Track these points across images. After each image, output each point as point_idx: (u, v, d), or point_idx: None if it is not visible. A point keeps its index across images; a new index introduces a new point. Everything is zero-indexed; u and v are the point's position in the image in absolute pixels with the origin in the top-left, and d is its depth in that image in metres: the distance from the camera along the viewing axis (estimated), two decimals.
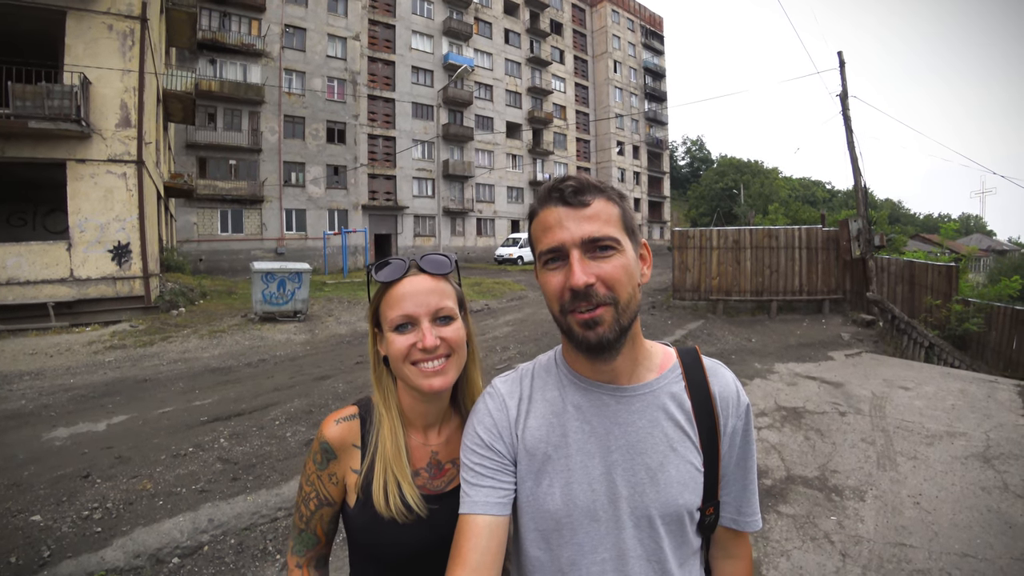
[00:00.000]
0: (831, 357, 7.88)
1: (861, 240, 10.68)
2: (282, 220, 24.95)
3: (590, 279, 0.73)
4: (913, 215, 74.36)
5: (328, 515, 0.96)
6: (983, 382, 6.54)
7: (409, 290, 0.89)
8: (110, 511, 3.24)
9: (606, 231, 0.75)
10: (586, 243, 0.75)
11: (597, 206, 0.76)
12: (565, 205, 0.77)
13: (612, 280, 0.75)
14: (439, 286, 0.91)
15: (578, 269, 0.73)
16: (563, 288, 0.75)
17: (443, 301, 0.90)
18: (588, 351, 0.78)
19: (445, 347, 0.89)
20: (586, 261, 0.75)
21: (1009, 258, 33.36)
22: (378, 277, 0.91)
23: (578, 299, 0.74)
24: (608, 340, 0.75)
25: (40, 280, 9.35)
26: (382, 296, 0.92)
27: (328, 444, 0.94)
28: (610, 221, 0.77)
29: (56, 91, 9.11)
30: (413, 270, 0.92)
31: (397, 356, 0.89)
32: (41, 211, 14.28)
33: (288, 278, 10.23)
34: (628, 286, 0.76)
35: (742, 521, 0.88)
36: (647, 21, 48.19)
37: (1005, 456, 4.15)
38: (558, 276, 0.77)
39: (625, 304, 0.76)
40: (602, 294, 0.74)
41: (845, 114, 11.62)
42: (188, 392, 5.92)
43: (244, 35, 23.83)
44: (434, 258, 0.94)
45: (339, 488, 0.95)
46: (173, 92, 14.29)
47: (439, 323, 0.90)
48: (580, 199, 0.76)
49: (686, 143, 71.40)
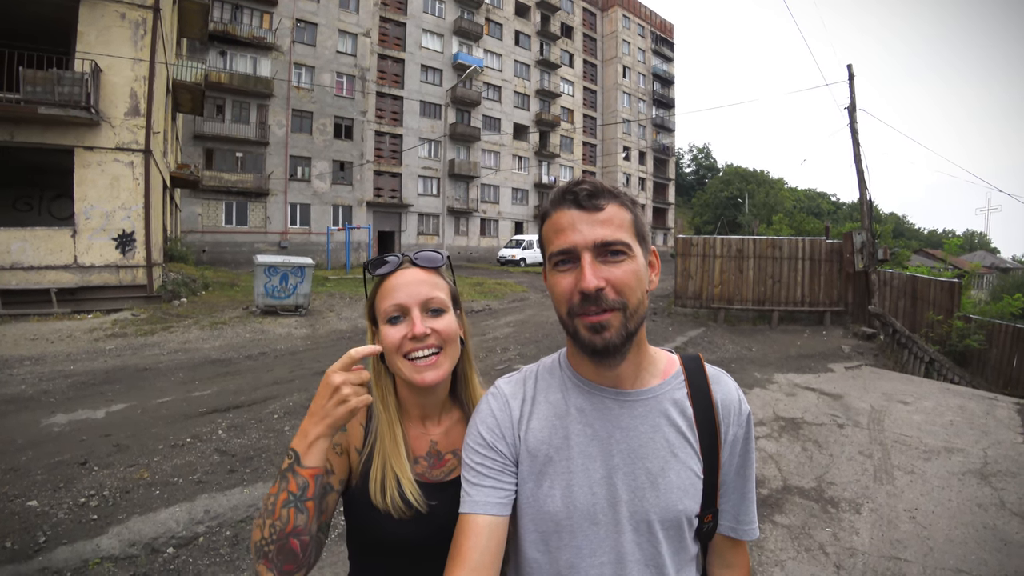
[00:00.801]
0: (831, 369, 7.87)
1: (865, 253, 10.67)
2: (287, 214, 25.00)
3: (600, 283, 0.74)
4: (917, 229, 74.34)
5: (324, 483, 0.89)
6: (982, 399, 6.52)
7: (401, 281, 0.92)
8: (107, 499, 3.25)
9: (618, 236, 0.76)
10: (598, 247, 0.75)
11: (610, 211, 0.77)
12: (579, 208, 0.77)
13: (622, 285, 0.75)
14: (430, 278, 0.94)
15: (589, 272, 0.74)
16: (572, 290, 0.76)
17: (433, 292, 0.92)
18: (594, 355, 0.78)
19: (436, 338, 0.90)
20: (597, 265, 0.75)
21: (1012, 276, 33.19)
22: (373, 272, 0.95)
23: (587, 302, 0.74)
24: (614, 345, 0.76)
25: (44, 266, 9.38)
26: (376, 289, 0.95)
27: None
28: (622, 226, 0.77)
29: (67, 78, 9.14)
30: (406, 264, 0.95)
31: (390, 348, 0.90)
32: (47, 196, 14.32)
33: (291, 272, 10.25)
34: (637, 291, 0.76)
35: (740, 529, 0.88)
36: (657, 27, 48.20)
37: (1002, 474, 4.14)
38: (568, 278, 0.77)
39: (633, 309, 0.76)
40: (611, 298, 0.74)
41: (853, 127, 11.61)
42: (188, 383, 5.93)
43: (255, 28, 23.93)
44: (426, 253, 0.97)
45: (343, 460, 0.92)
46: (183, 83, 14.34)
47: (430, 314, 0.91)
48: (594, 203, 0.76)
49: (692, 150, 71.38)
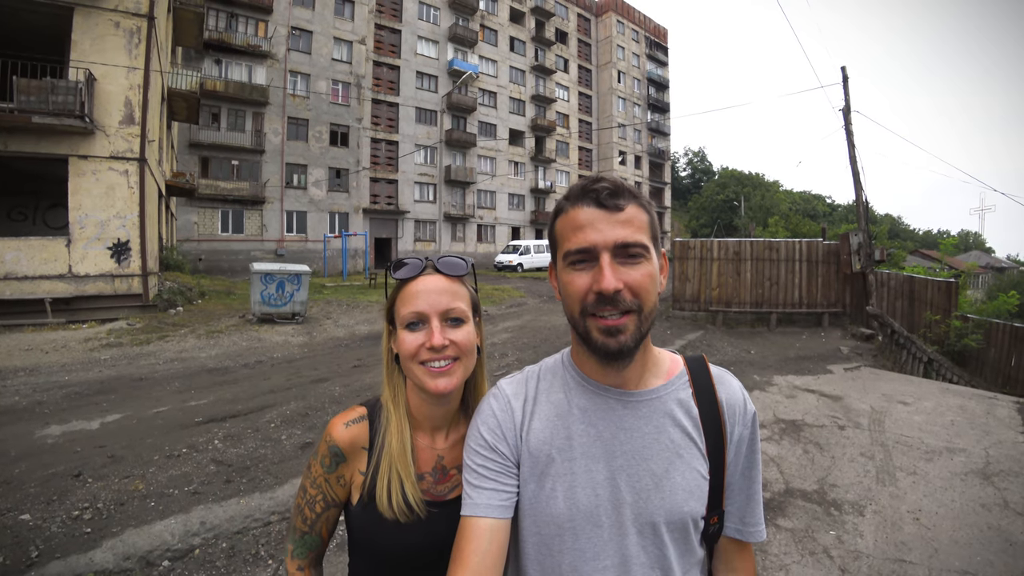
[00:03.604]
0: (830, 370, 7.86)
1: (861, 254, 10.70)
2: (283, 222, 24.95)
3: (619, 284, 0.72)
4: (913, 230, 74.66)
5: (334, 516, 0.97)
6: (982, 398, 6.52)
7: (422, 288, 0.89)
8: (101, 511, 3.20)
9: (638, 237, 0.74)
10: (618, 247, 0.74)
11: (631, 211, 0.75)
12: (599, 207, 0.75)
13: (639, 288, 0.74)
14: (453, 287, 0.91)
15: (609, 273, 0.72)
16: (588, 290, 0.74)
17: (455, 302, 0.90)
18: (606, 357, 0.76)
19: (454, 349, 0.88)
20: (616, 266, 0.74)
21: (1008, 275, 33.42)
22: (396, 275, 0.93)
23: (603, 303, 0.73)
24: (628, 348, 0.75)
25: (38, 276, 9.32)
26: (397, 293, 0.93)
27: (338, 447, 0.93)
28: (642, 228, 0.76)
29: (61, 87, 9.12)
30: (429, 270, 0.93)
31: (406, 354, 0.88)
32: (43, 206, 14.25)
33: (287, 280, 10.21)
34: (653, 294, 0.76)
35: (746, 531, 0.86)
36: (651, 32, 48.51)
37: (1005, 473, 4.12)
38: (584, 277, 0.75)
39: (648, 312, 0.75)
40: (628, 300, 0.73)
41: (848, 129, 11.67)
42: (184, 392, 5.88)
43: (251, 36, 23.95)
44: (450, 260, 0.94)
45: (346, 489, 0.95)
46: (178, 91, 14.35)
47: (450, 324, 0.89)
48: (615, 202, 0.75)
49: (688, 154, 71.82)
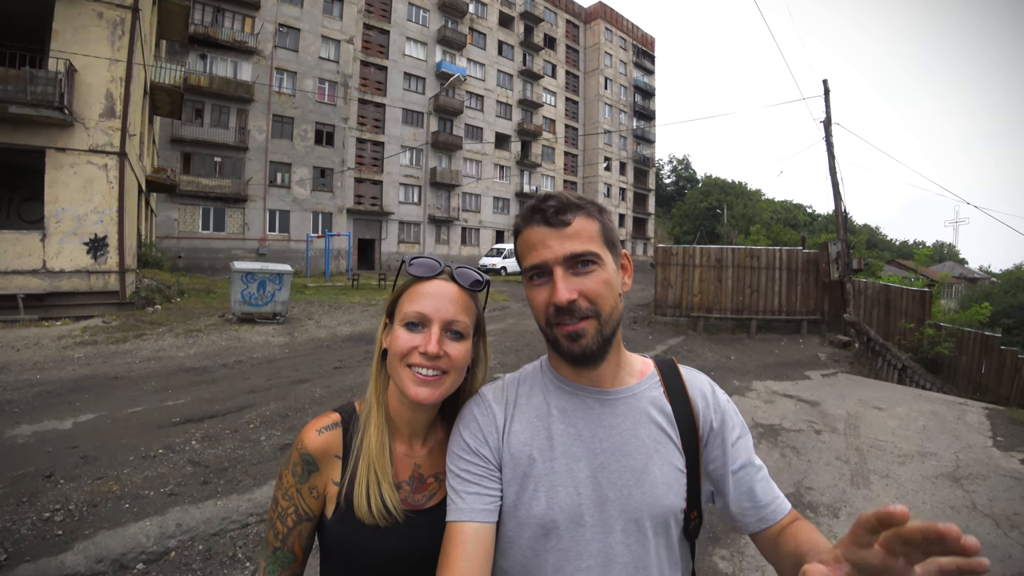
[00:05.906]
0: (808, 376, 8.01)
1: (840, 263, 10.93)
2: (265, 220, 24.59)
3: (572, 295, 0.77)
4: (890, 241, 76.54)
5: (307, 530, 0.90)
6: (953, 404, 6.71)
7: (433, 291, 0.89)
8: (72, 513, 3.11)
9: (587, 247, 0.79)
10: (568, 260, 0.78)
11: (578, 224, 0.79)
12: (547, 225, 0.80)
13: (594, 294, 0.78)
14: (463, 299, 0.90)
15: (561, 286, 0.77)
16: (548, 303, 0.79)
17: (460, 315, 0.88)
18: (573, 361, 0.81)
19: (446, 362, 0.86)
20: (568, 277, 0.78)
21: (980, 286, 34.48)
22: (411, 270, 0.91)
23: (562, 313, 0.78)
24: (591, 351, 0.79)
25: (11, 270, 9.04)
26: (406, 288, 0.92)
27: (310, 455, 0.88)
28: (591, 238, 0.80)
29: (40, 77, 8.89)
30: (445, 275, 0.92)
31: (397, 352, 0.86)
32: (17, 199, 13.86)
33: (269, 279, 10.06)
34: (610, 299, 0.79)
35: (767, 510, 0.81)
36: (639, 40, 49.08)
37: (973, 476, 4.25)
38: (543, 292, 0.80)
39: (607, 316, 0.79)
40: (584, 307, 0.78)
41: (828, 141, 11.93)
42: (160, 391, 5.76)
43: (237, 32, 23.61)
44: (467, 271, 0.93)
45: (319, 502, 0.90)
46: (161, 85, 14.11)
47: (450, 336, 0.87)
48: (561, 219, 0.79)
49: (672, 161, 72.41)
